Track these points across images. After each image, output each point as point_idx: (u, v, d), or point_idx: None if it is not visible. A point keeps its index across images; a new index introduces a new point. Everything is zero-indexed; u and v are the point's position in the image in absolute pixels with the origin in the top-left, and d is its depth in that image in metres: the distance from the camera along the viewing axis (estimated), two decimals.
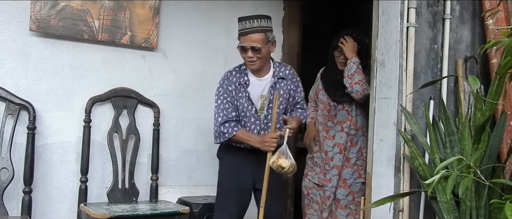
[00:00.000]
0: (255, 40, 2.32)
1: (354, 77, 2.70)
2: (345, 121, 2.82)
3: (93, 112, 2.62)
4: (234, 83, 2.46)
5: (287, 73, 2.52)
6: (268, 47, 2.38)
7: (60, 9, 2.53)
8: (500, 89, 2.05)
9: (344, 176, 2.83)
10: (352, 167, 2.83)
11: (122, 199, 2.64)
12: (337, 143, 2.83)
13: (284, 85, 2.51)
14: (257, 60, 2.36)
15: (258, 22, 2.33)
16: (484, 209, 2.14)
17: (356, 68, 2.72)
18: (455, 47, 2.63)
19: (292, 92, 2.55)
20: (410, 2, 2.49)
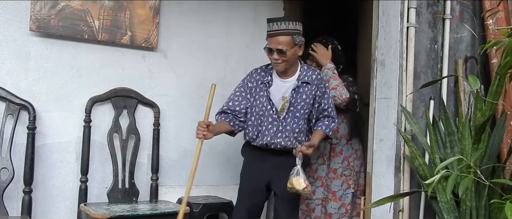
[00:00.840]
0: (281, 42, 2.30)
1: (331, 83, 2.66)
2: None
3: (93, 112, 2.61)
4: (256, 81, 2.46)
5: (314, 77, 2.45)
6: (295, 50, 2.35)
7: (60, 9, 2.53)
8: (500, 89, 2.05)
9: (333, 188, 2.78)
10: (339, 178, 2.79)
11: (122, 199, 2.64)
12: (321, 154, 2.80)
13: (308, 90, 2.43)
14: (282, 62, 2.34)
15: (286, 24, 2.32)
16: (484, 209, 2.14)
17: (332, 73, 2.70)
18: (455, 47, 2.64)
19: (318, 98, 2.46)
20: (410, 2, 2.50)
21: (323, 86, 2.46)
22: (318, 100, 2.44)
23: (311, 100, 2.42)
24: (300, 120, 2.41)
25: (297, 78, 2.42)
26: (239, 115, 2.45)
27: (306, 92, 2.41)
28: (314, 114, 2.46)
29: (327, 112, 2.47)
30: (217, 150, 2.96)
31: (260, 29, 3.24)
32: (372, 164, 2.60)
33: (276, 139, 2.40)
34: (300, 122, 2.41)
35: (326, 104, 2.46)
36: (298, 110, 2.39)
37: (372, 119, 2.65)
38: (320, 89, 2.45)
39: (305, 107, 2.41)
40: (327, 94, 2.48)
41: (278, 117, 2.40)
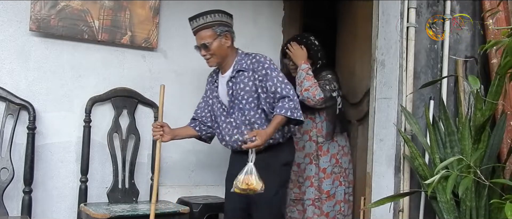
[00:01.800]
0: (203, 37, 2.25)
1: (303, 84, 2.60)
2: (311, 129, 2.77)
3: (93, 112, 2.62)
4: (209, 83, 2.47)
5: (249, 63, 2.28)
6: (220, 41, 2.25)
7: (60, 9, 2.53)
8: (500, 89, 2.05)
9: (325, 188, 2.75)
10: (330, 176, 2.76)
11: (122, 199, 2.64)
12: (307, 154, 2.77)
13: (245, 77, 2.27)
14: (211, 57, 2.27)
15: (204, 18, 2.25)
16: (484, 209, 2.14)
17: (305, 74, 2.63)
18: (455, 47, 2.63)
19: (260, 83, 2.25)
20: (410, 2, 2.49)
21: (262, 69, 2.25)
22: (261, 84, 2.25)
23: (253, 87, 2.26)
24: (250, 111, 2.26)
25: (232, 69, 2.32)
26: (205, 120, 2.46)
27: (243, 80, 2.28)
28: (264, 101, 2.25)
29: (279, 94, 2.21)
30: (217, 150, 2.96)
31: (260, 29, 3.25)
32: (372, 164, 2.60)
33: (233, 137, 2.31)
34: (251, 113, 2.26)
35: (273, 85, 2.22)
36: (240, 101, 2.27)
37: (372, 119, 2.65)
38: (259, 72, 2.25)
39: (248, 96, 2.26)
40: (271, 75, 2.24)
41: (228, 114, 2.32)
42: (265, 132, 2.13)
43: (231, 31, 2.32)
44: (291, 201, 2.80)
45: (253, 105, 2.26)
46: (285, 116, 2.16)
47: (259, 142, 2.08)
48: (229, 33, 2.30)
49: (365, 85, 2.90)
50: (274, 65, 2.28)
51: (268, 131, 2.15)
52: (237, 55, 2.33)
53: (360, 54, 2.98)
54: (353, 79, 3.06)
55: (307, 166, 2.76)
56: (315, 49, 2.76)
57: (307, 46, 2.73)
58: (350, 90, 3.11)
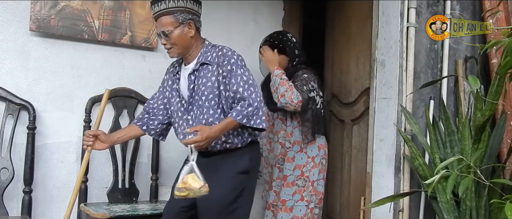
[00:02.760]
0: (163, 24, 2.00)
1: (279, 90, 2.48)
2: (280, 130, 2.66)
3: (93, 112, 2.61)
4: (170, 73, 2.21)
5: (214, 56, 2.04)
6: (182, 30, 2.01)
7: (60, 9, 2.53)
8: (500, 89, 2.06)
9: (282, 196, 2.55)
10: (290, 186, 2.54)
11: (122, 199, 2.64)
12: (275, 155, 2.68)
13: (208, 71, 2.03)
14: (171, 47, 2.03)
15: (165, 3, 1.99)
16: (484, 209, 2.14)
17: (279, 80, 2.50)
18: (455, 47, 2.63)
19: (223, 79, 1.99)
20: (410, 2, 2.50)
21: (227, 63, 1.99)
22: (224, 81, 1.99)
23: (215, 83, 2.01)
24: (209, 109, 2.01)
25: (196, 61, 2.08)
26: (157, 113, 2.20)
27: (206, 74, 2.03)
28: (225, 100, 2.01)
29: (240, 95, 1.95)
30: None
31: (260, 29, 3.25)
32: (372, 164, 2.60)
33: (188, 136, 1.99)
34: (210, 111, 2.01)
35: (235, 84, 1.96)
36: (200, 97, 2.02)
37: (372, 119, 2.65)
38: (224, 67, 2.00)
39: (208, 92, 2.01)
40: (236, 72, 1.98)
41: (186, 111, 2.08)
42: (209, 129, 1.88)
43: (196, 19, 2.08)
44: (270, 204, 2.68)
45: (213, 103, 2.01)
46: (237, 122, 1.92)
47: (199, 138, 1.84)
48: (193, 21, 2.05)
49: (361, 85, 2.90)
50: (242, 61, 2.04)
51: (214, 130, 1.89)
52: (203, 47, 2.09)
53: (355, 53, 2.97)
54: (347, 78, 3.06)
55: (274, 168, 2.65)
56: (291, 46, 2.64)
57: (282, 43, 2.62)
58: (343, 89, 3.11)
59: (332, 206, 3.18)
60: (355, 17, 3.00)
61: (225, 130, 1.94)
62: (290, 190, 2.53)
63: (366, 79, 2.83)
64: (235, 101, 1.98)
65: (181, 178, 1.82)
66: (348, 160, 3.02)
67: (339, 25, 3.22)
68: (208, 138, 1.88)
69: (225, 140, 2.01)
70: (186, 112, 2.07)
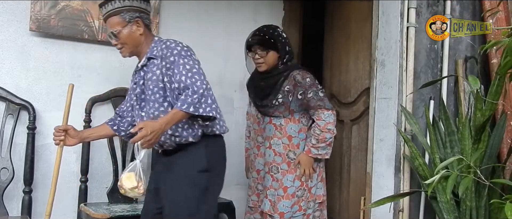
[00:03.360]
0: (112, 25, 1.99)
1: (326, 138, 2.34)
2: (272, 136, 2.41)
3: (93, 112, 2.61)
4: (133, 74, 2.16)
5: (159, 49, 1.99)
6: (130, 29, 1.98)
7: (60, 9, 2.53)
8: (500, 89, 2.05)
9: (280, 208, 2.36)
10: (290, 198, 2.36)
11: (122, 199, 2.63)
12: (266, 162, 2.44)
13: (154, 65, 1.98)
14: (122, 47, 2.02)
15: (112, 4, 1.98)
16: (484, 209, 2.14)
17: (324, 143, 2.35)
18: (455, 47, 2.64)
19: (167, 71, 1.92)
20: (410, 2, 2.50)
21: (170, 55, 1.93)
22: (168, 73, 1.93)
23: (160, 76, 1.96)
24: (155, 103, 1.96)
25: (145, 57, 2.04)
26: (126, 114, 2.19)
27: (152, 69, 1.99)
28: (170, 93, 1.94)
29: (183, 84, 1.86)
30: None
31: None
32: (372, 164, 2.60)
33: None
34: (155, 105, 1.96)
35: (178, 74, 1.88)
36: (148, 94, 1.98)
37: (372, 119, 2.65)
38: (167, 59, 1.93)
39: (154, 86, 1.96)
40: (178, 62, 1.90)
41: (140, 108, 2.04)
42: (152, 123, 1.78)
43: (144, 16, 2.03)
44: (249, 208, 2.55)
45: (158, 96, 1.96)
46: (183, 111, 1.81)
47: (144, 133, 1.73)
48: (141, 19, 2.01)
49: (360, 85, 2.90)
50: (187, 52, 1.96)
51: (159, 122, 1.79)
52: (153, 42, 2.05)
53: (354, 53, 2.97)
54: (346, 78, 3.06)
55: (267, 175, 2.44)
56: (282, 41, 2.42)
57: (273, 38, 2.39)
58: (342, 89, 3.11)
59: (332, 206, 3.18)
60: (355, 17, 3.00)
61: (172, 122, 1.82)
62: (289, 202, 2.36)
63: (365, 79, 2.83)
64: (180, 92, 1.88)
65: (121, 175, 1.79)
66: (347, 160, 3.02)
67: (338, 25, 3.22)
68: (153, 132, 1.75)
69: (172, 133, 1.93)
70: (140, 109, 2.04)
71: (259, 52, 2.40)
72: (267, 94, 2.42)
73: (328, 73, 3.32)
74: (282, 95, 2.38)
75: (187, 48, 1.98)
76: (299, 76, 2.36)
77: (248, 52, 2.48)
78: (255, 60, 2.43)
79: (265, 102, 2.42)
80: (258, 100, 2.47)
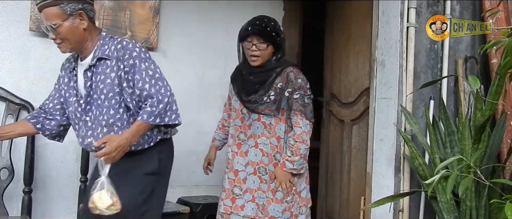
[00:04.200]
0: (49, 16, 1.75)
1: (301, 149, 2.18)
2: (260, 135, 2.22)
3: None
4: (65, 69, 1.97)
5: (113, 49, 1.82)
6: (72, 22, 1.77)
7: None
8: (500, 89, 2.05)
9: (271, 212, 2.20)
10: (280, 203, 2.21)
11: None
12: (251, 162, 2.23)
13: (108, 67, 1.81)
14: (62, 42, 1.80)
15: None
16: (484, 209, 2.14)
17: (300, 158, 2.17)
18: (455, 47, 2.64)
19: (125, 75, 1.80)
20: (410, 2, 2.50)
21: (129, 58, 1.80)
22: (127, 77, 1.80)
23: (115, 80, 1.80)
24: (109, 109, 1.81)
25: (92, 55, 1.84)
26: (54, 113, 2.00)
27: (105, 70, 1.82)
28: (130, 98, 1.81)
29: (147, 92, 1.78)
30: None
31: None
32: (372, 164, 2.60)
33: (86, 139, 1.85)
34: (110, 111, 1.81)
35: (141, 80, 1.78)
36: (99, 96, 1.82)
37: (372, 119, 2.65)
38: (125, 62, 1.79)
39: (108, 90, 1.81)
40: (140, 67, 1.79)
41: (84, 111, 1.86)
42: (118, 138, 1.71)
43: (88, 8, 1.83)
44: (220, 215, 2.33)
45: (114, 102, 1.81)
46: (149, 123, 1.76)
47: (108, 149, 1.67)
48: (85, 11, 1.81)
49: (360, 85, 2.90)
50: (145, 54, 1.84)
51: (124, 137, 1.73)
52: (100, 39, 1.87)
53: (355, 53, 2.97)
54: (347, 78, 3.06)
55: (249, 176, 2.22)
56: (282, 37, 2.25)
57: (276, 32, 2.20)
58: (342, 89, 3.11)
59: (332, 206, 3.18)
60: (355, 17, 3.00)
61: (138, 135, 1.77)
62: (280, 207, 2.21)
63: (365, 79, 2.83)
64: (142, 100, 1.80)
65: (91, 196, 1.67)
66: (347, 160, 3.02)
67: (338, 25, 3.22)
68: (118, 148, 1.69)
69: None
70: (84, 113, 1.86)
71: (257, 43, 2.17)
72: (256, 90, 2.22)
73: (328, 73, 3.32)
74: (275, 92, 2.21)
75: (144, 50, 1.86)
76: (293, 74, 2.22)
77: (242, 41, 2.23)
78: (251, 51, 2.19)
79: (254, 97, 2.22)
80: (244, 94, 2.25)
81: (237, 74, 2.37)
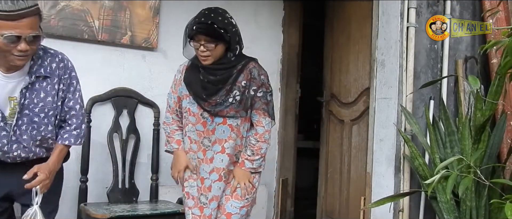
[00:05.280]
0: (32, 26, 1.63)
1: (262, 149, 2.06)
2: (227, 139, 2.03)
3: (93, 112, 2.61)
4: None
5: (54, 67, 1.79)
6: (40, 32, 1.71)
7: (60, 9, 2.53)
8: (500, 89, 2.05)
9: (228, 208, 2.05)
10: (239, 200, 2.05)
11: (122, 199, 2.64)
12: (216, 168, 2.04)
13: (48, 84, 1.78)
14: (29, 54, 1.68)
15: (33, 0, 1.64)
16: (484, 209, 2.14)
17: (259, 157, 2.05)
18: (455, 47, 2.64)
19: (61, 93, 1.82)
20: (410, 2, 2.50)
21: (68, 77, 1.82)
22: (63, 95, 1.83)
23: (55, 97, 1.80)
24: (41, 126, 1.80)
25: (28, 71, 1.74)
26: None
27: (45, 88, 1.78)
28: (58, 114, 1.84)
29: (75, 112, 1.85)
30: None
31: (260, 29, 3.25)
32: (372, 164, 2.60)
33: (11, 152, 1.78)
34: (48, 128, 1.81)
35: (72, 100, 1.84)
36: (36, 113, 1.77)
37: (372, 119, 2.65)
38: (64, 81, 1.81)
39: (50, 109, 1.80)
40: (75, 87, 1.85)
41: (7, 124, 1.75)
42: (46, 168, 1.75)
43: None
44: None
45: (53, 120, 1.82)
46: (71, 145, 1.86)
47: (43, 177, 1.71)
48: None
49: (361, 85, 2.90)
50: (76, 71, 1.89)
51: (52, 162, 1.80)
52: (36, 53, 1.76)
53: (355, 53, 2.98)
54: (346, 78, 3.06)
55: (214, 183, 2.05)
56: (233, 31, 2.02)
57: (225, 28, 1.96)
58: (342, 89, 3.11)
59: (331, 206, 3.18)
60: (355, 17, 3.00)
61: (62, 158, 1.87)
62: (238, 203, 2.05)
63: (365, 79, 2.83)
64: (66, 117, 1.86)
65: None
66: (347, 160, 3.02)
67: (338, 25, 3.22)
68: (50, 174, 1.76)
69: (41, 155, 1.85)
70: (7, 127, 1.76)
71: (204, 43, 1.95)
72: (217, 90, 2.00)
73: (328, 73, 3.32)
74: (239, 91, 2.00)
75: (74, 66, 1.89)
76: (256, 70, 2.04)
77: (189, 40, 2.03)
78: (200, 51, 1.98)
79: (216, 99, 1.99)
80: (203, 96, 2.01)
81: (192, 73, 2.08)
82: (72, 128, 1.86)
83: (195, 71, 2.06)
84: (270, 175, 3.35)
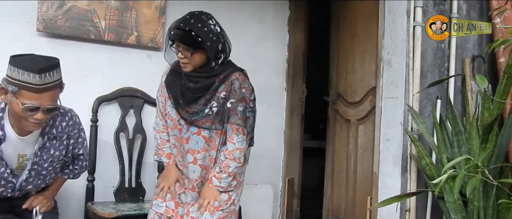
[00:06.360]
0: (53, 97, 1.73)
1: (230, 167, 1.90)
2: (200, 150, 1.92)
3: (99, 111, 2.63)
4: None
5: (64, 126, 1.91)
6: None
7: (67, 10, 2.55)
8: (508, 88, 2.04)
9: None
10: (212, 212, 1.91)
11: (129, 198, 2.64)
12: (189, 180, 1.98)
13: (58, 142, 1.91)
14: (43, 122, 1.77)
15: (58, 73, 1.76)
16: (492, 209, 2.13)
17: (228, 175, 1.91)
18: (462, 46, 2.62)
19: (70, 147, 1.97)
20: (417, 2, 2.49)
21: (76, 132, 1.98)
22: (71, 148, 1.99)
23: (63, 151, 1.94)
24: (47, 176, 1.95)
25: (40, 133, 1.84)
26: None
27: (55, 145, 1.90)
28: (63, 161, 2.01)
29: (82, 157, 2.08)
30: None
31: (266, 28, 3.25)
32: (379, 164, 2.59)
33: (15, 197, 1.93)
34: (48, 177, 1.96)
35: (81, 149, 2.03)
36: (45, 168, 1.90)
37: (378, 119, 2.65)
38: (72, 138, 1.96)
39: (55, 162, 1.93)
40: (84, 139, 2.04)
41: (14, 175, 1.86)
42: (46, 196, 2.00)
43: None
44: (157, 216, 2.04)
45: (58, 169, 1.99)
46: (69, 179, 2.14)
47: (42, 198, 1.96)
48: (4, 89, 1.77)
49: (367, 84, 2.89)
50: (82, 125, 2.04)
51: (51, 194, 2.05)
52: None
53: (360, 53, 2.97)
54: (353, 78, 3.05)
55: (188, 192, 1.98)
56: (213, 39, 1.89)
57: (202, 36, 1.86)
58: (348, 89, 3.11)
59: (338, 206, 3.18)
60: (361, 16, 2.99)
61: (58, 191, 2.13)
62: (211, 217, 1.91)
63: (372, 78, 2.82)
64: (71, 162, 2.08)
65: None
66: (354, 159, 3.01)
67: (344, 24, 3.22)
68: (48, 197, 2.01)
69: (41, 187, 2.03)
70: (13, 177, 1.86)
71: (182, 50, 1.86)
72: (195, 98, 1.90)
73: (334, 72, 3.31)
74: (217, 103, 1.88)
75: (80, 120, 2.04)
76: (237, 82, 1.90)
77: (171, 45, 1.93)
78: (179, 58, 1.90)
79: (193, 107, 1.89)
80: (183, 103, 1.91)
81: (173, 77, 1.98)
82: (76, 167, 2.11)
83: (177, 75, 1.96)
84: (276, 175, 3.35)
